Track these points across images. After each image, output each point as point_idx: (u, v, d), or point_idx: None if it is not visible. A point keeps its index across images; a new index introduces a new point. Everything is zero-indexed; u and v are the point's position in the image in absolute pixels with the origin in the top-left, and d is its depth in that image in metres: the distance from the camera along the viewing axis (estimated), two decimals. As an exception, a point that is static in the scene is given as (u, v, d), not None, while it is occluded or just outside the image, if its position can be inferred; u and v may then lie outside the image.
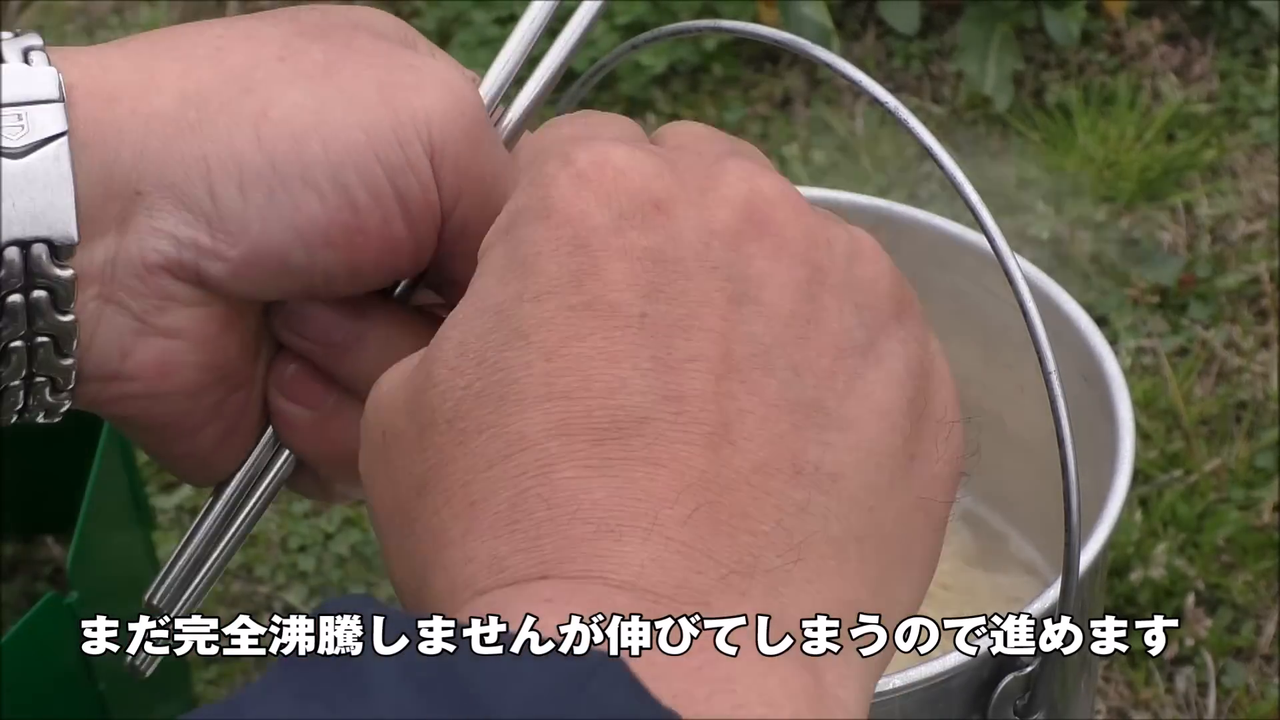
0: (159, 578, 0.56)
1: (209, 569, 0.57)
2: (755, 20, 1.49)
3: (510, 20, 1.56)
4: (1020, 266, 0.55)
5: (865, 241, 0.47)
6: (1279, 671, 1.17)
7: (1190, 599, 1.18)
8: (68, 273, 0.49)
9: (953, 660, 0.73)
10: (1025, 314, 0.56)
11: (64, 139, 0.49)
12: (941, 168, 0.54)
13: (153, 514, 1.23)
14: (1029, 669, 0.74)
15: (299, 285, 0.52)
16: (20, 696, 0.89)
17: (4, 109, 0.49)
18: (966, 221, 0.96)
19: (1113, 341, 1.31)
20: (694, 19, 1.44)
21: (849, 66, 0.56)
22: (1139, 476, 1.25)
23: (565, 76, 0.58)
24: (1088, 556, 0.76)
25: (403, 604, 0.46)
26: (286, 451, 0.56)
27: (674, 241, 0.44)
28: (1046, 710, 0.75)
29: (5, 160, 0.48)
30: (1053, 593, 0.73)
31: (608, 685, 0.37)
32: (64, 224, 0.49)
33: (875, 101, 0.55)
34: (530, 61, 0.58)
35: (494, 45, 1.54)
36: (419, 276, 0.55)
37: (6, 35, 0.51)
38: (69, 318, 0.50)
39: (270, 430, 0.55)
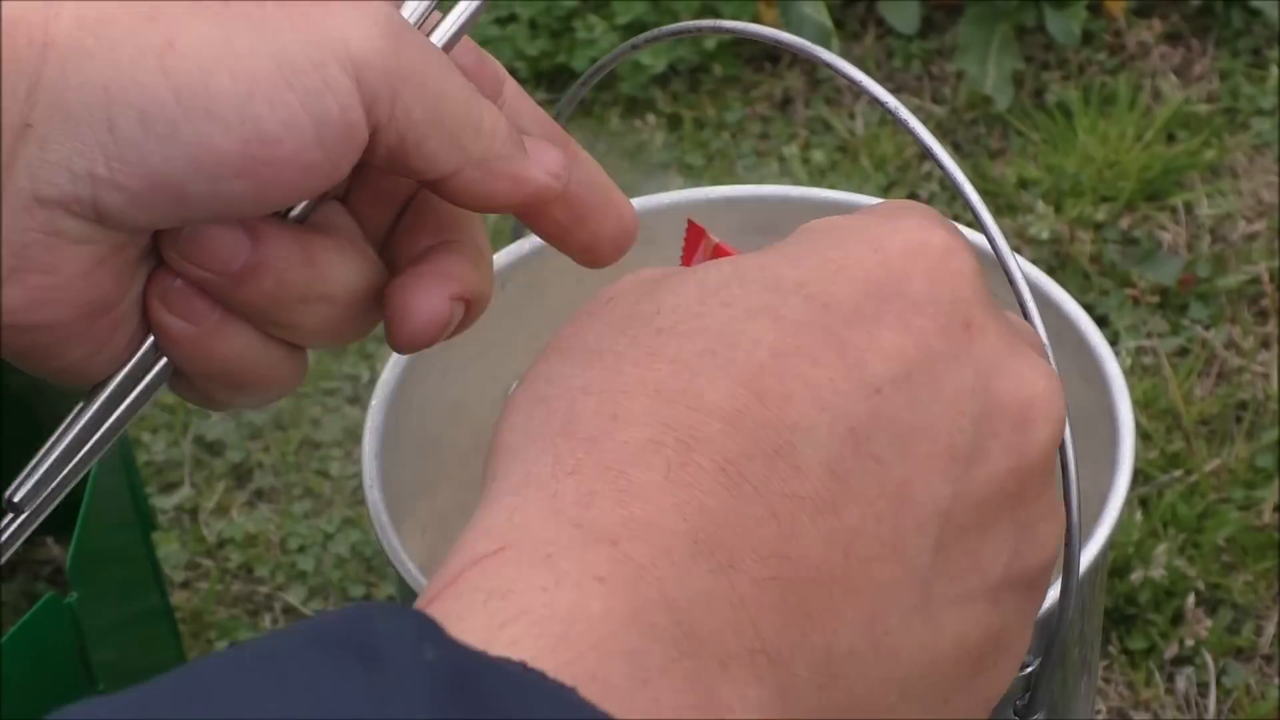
0: (23, 474, 0.54)
1: (72, 468, 0.55)
2: (755, 20, 1.49)
3: (510, 20, 1.56)
4: (1020, 266, 0.55)
5: (1061, 519, 0.48)
6: (1279, 672, 1.17)
7: (1190, 599, 1.18)
8: None
9: (953, 660, 0.73)
10: (1026, 314, 0.56)
11: None
12: (942, 167, 0.54)
13: (153, 514, 1.23)
14: (1029, 669, 0.74)
15: (201, 214, 0.49)
16: (20, 696, 0.89)
17: None
18: (967, 221, 0.96)
19: (1113, 342, 1.31)
20: (694, 19, 1.44)
21: (849, 66, 0.56)
22: (1139, 477, 1.25)
23: (565, 76, 0.58)
24: (1088, 556, 0.76)
25: (497, 429, 0.45)
26: (164, 359, 0.53)
27: (954, 361, 0.44)
28: (1046, 710, 0.75)
29: None
30: (1053, 593, 0.73)
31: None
32: None
33: (875, 101, 0.55)
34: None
35: (494, 45, 1.54)
36: (322, 195, 0.52)
37: None
38: None
39: (151, 339, 0.53)
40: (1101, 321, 1.32)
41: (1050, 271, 1.34)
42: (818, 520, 0.42)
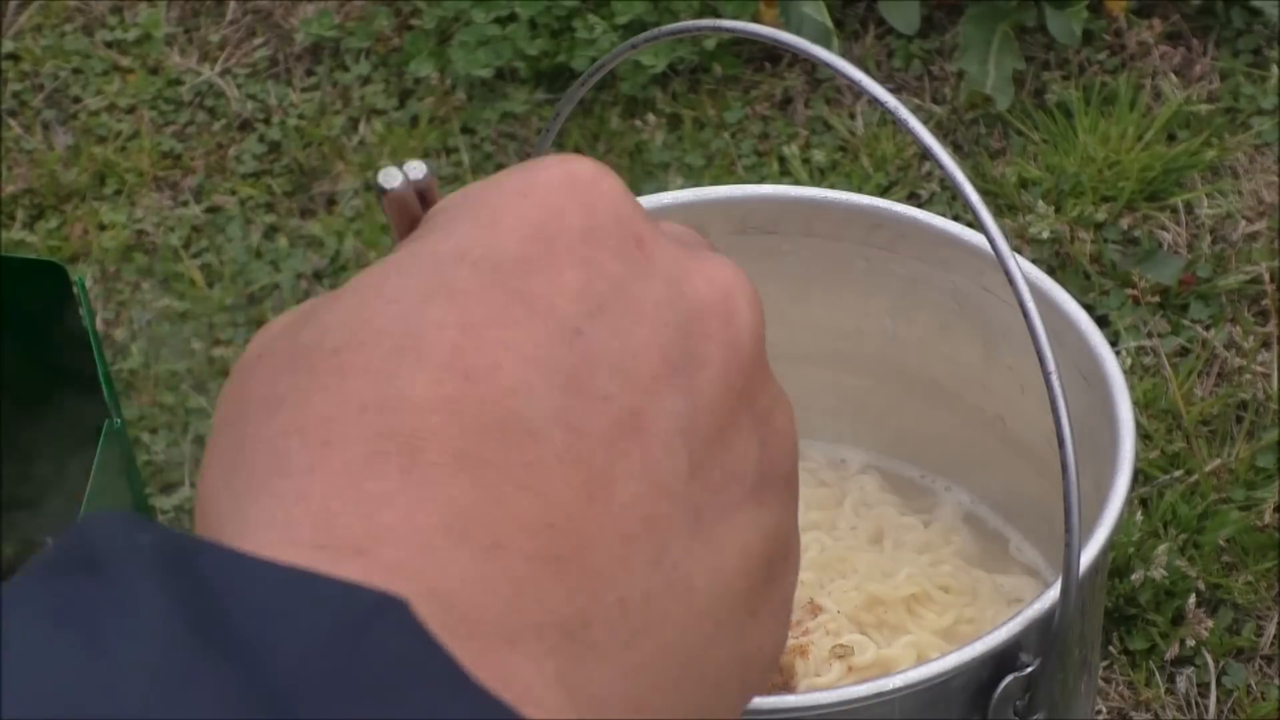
0: None
1: None
2: (755, 20, 1.49)
3: (510, 20, 1.56)
4: (1021, 267, 0.55)
5: (788, 401, 0.46)
6: (1279, 672, 1.17)
7: (1191, 599, 1.18)
8: None
9: (953, 661, 0.73)
10: (1026, 315, 0.56)
11: None
12: (941, 167, 0.54)
13: (152, 514, 1.23)
14: (1029, 670, 0.74)
15: None
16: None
17: None
18: (967, 221, 0.96)
19: (1113, 342, 1.31)
20: (694, 19, 1.44)
21: (850, 66, 0.56)
22: (1139, 477, 1.25)
23: (565, 76, 0.58)
24: (1088, 557, 0.76)
25: (200, 513, 0.42)
26: None
27: (642, 279, 0.42)
28: (1047, 711, 0.75)
29: None
30: (1054, 593, 0.73)
31: (391, 629, 0.35)
32: None
33: (875, 102, 0.55)
34: None
35: (494, 45, 1.54)
36: None
37: None
38: None
39: None
40: (1102, 321, 1.32)
41: (1050, 271, 1.34)
42: (570, 477, 0.40)
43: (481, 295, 0.41)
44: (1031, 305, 0.55)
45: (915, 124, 0.54)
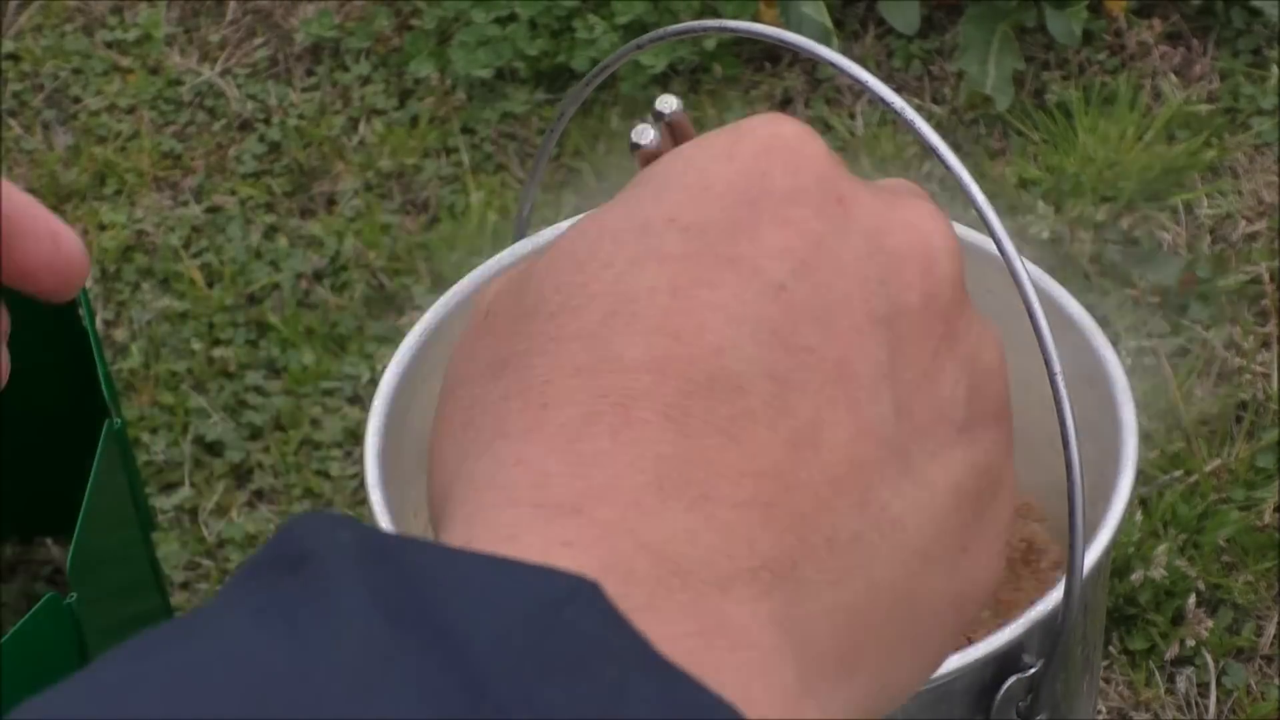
0: None
1: None
2: (755, 20, 1.49)
3: (510, 20, 1.56)
4: (1026, 268, 0.55)
5: (997, 338, 0.48)
6: (1279, 672, 1.17)
7: (1191, 599, 1.18)
8: None
9: (956, 662, 0.73)
10: (1031, 315, 0.56)
11: None
12: (949, 168, 0.54)
13: (152, 514, 1.23)
14: (1032, 671, 0.74)
15: None
16: (20, 696, 0.89)
17: None
18: (968, 221, 0.96)
19: (1113, 342, 1.31)
20: (694, 19, 1.44)
21: (855, 66, 0.56)
22: (1139, 477, 1.25)
23: (565, 76, 0.59)
24: (1091, 557, 0.76)
25: (430, 480, 0.45)
26: None
27: (842, 235, 0.44)
28: (1049, 711, 0.75)
29: None
30: (1057, 594, 0.73)
31: (582, 611, 0.37)
32: None
33: (879, 102, 0.55)
34: None
35: (494, 45, 1.54)
36: None
37: None
38: None
39: None
40: (1102, 322, 1.32)
41: (1050, 272, 1.34)
42: (776, 427, 0.42)
43: (690, 259, 0.43)
44: (1037, 307, 0.55)
45: (922, 125, 0.54)
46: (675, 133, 0.51)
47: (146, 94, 1.58)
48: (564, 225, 0.92)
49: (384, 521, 0.79)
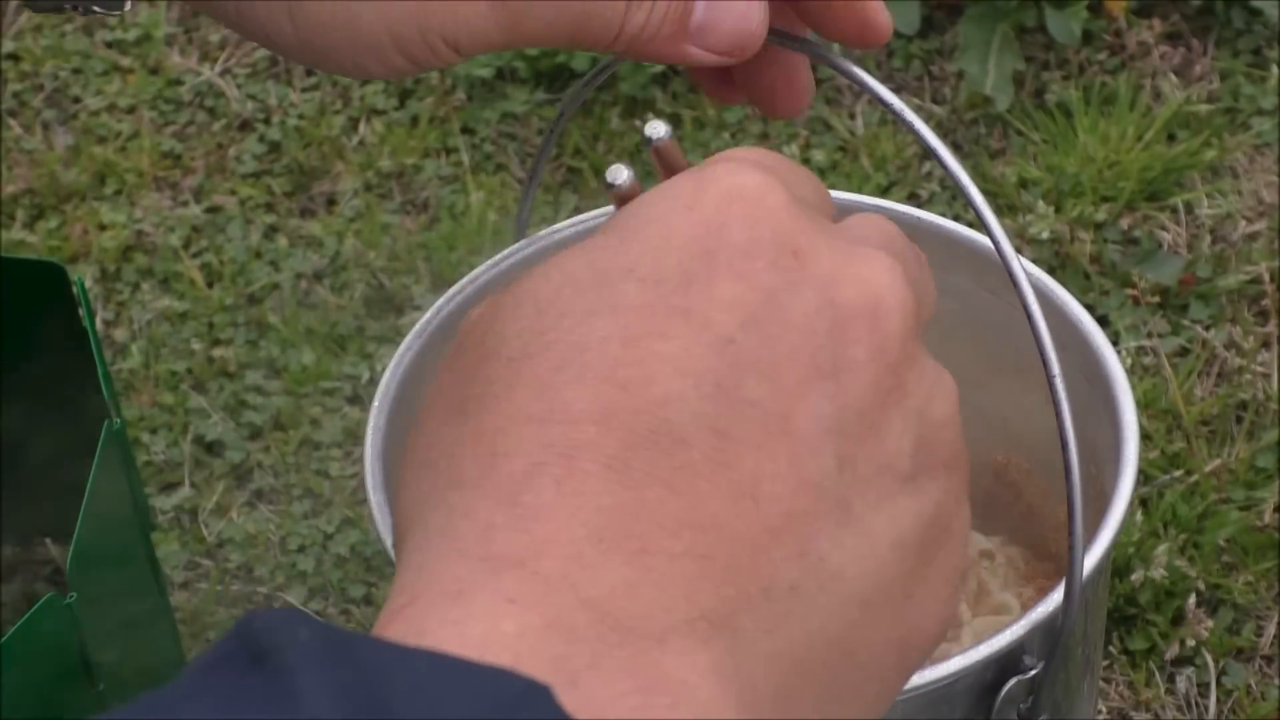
0: None
1: None
2: (755, 20, 1.49)
3: (510, 20, 1.55)
4: (1025, 268, 0.55)
5: (949, 386, 0.48)
6: (1279, 673, 1.17)
7: (1191, 599, 1.18)
8: None
9: (956, 663, 0.73)
10: (1029, 316, 0.56)
11: None
12: (946, 169, 0.54)
13: (152, 514, 1.23)
14: (1033, 672, 0.74)
15: None
16: (20, 696, 0.89)
17: None
18: (967, 221, 0.96)
19: (1113, 342, 1.31)
20: (694, 19, 1.44)
21: (854, 67, 0.56)
22: (1139, 477, 1.25)
23: (565, 76, 0.59)
24: (1092, 558, 0.76)
25: (395, 508, 0.46)
26: None
27: (794, 289, 0.45)
28: (1050, 712, 0.75)
29: None
30: (1057, 595, 0.73)
31: (535, 715, 0.37)
32: None
33: (879, 102, 0.55)
34: None
35: (494, 45, 1.54)
36: None
37: None
38: None
39: None
40: (1102, 322, 1.32)
41: (1050, 271, 1.34)
42: (716, 480, 0.43)
43: (645, 309, 0.44)
44: (1036, 308, 0.55)
45: (920, 125, 0.54)
46: (663, 158, 0.52)
47: (146, 94, 1.58)
48: (562, 226, 0.92)
49: (383, 522, 0.79)
